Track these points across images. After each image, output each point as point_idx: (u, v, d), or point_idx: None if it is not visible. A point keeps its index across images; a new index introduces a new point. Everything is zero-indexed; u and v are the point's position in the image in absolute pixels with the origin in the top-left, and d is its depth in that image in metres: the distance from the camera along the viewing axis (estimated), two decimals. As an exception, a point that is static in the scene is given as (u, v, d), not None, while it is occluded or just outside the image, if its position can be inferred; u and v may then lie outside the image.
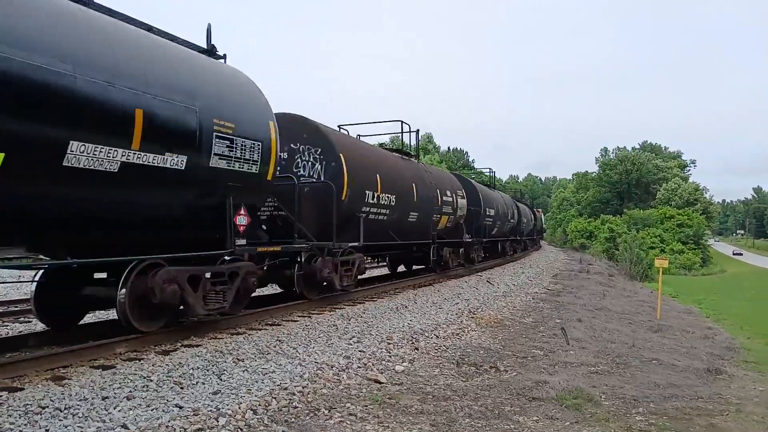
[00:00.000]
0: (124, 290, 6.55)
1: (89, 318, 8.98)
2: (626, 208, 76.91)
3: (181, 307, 7.32)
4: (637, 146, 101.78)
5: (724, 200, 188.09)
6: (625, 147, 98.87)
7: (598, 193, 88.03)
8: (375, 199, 12.23)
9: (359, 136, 14.94)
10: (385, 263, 18.46)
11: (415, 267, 18.55)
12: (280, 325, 8.56)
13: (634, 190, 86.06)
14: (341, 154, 11.06)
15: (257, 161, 7.98)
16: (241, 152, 7.66)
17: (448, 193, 17.10)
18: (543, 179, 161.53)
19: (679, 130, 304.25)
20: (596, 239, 64.40)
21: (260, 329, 8.18)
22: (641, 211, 71.91)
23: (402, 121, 15.56)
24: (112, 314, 8.04)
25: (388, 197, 12.77)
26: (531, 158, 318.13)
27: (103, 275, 7.48)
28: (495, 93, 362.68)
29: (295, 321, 8.90)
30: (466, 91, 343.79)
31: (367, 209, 12.01)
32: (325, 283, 10.52)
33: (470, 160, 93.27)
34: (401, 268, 18.67)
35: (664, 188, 79.54)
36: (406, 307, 11.14)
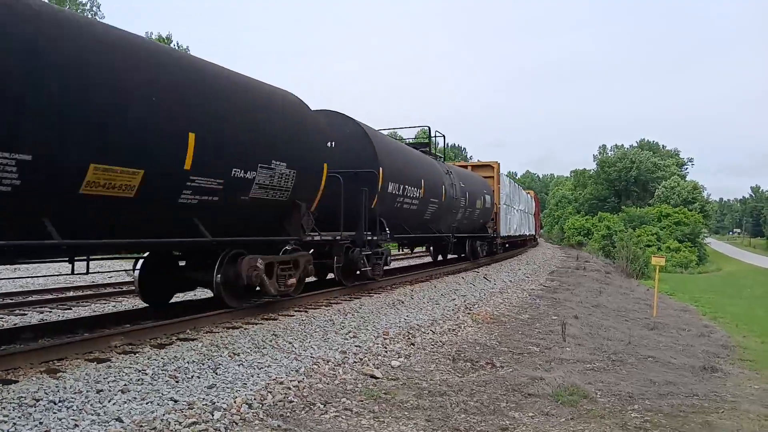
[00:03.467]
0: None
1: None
2: (624, 206, 77.02)
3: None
4: (635, 144, 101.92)
5: (721, 199, 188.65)
6: (623, 145, 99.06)
7: (596, 191, 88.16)
8: None
9: None
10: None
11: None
12: (276, 319, 8.54)
13: (633, 187, 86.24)
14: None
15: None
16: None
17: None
18: (541, 176, 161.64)
19: (676, 128, 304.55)
20: (593, 237, 64.44)
21: (256, 323, 8.16)
22: (638, 209, 72.02)
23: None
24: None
25: None
26: (529, 155, 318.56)
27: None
28: (492, 91, 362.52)
29: (292, 315, 8.88)
30: (464, 87, 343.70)
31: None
32: None
33: (468, 157, 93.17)
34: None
35: (663, 186, 79.70)
36: (402, 302, 11.13)
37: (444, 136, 18.13)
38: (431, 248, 19.23)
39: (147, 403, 4.78)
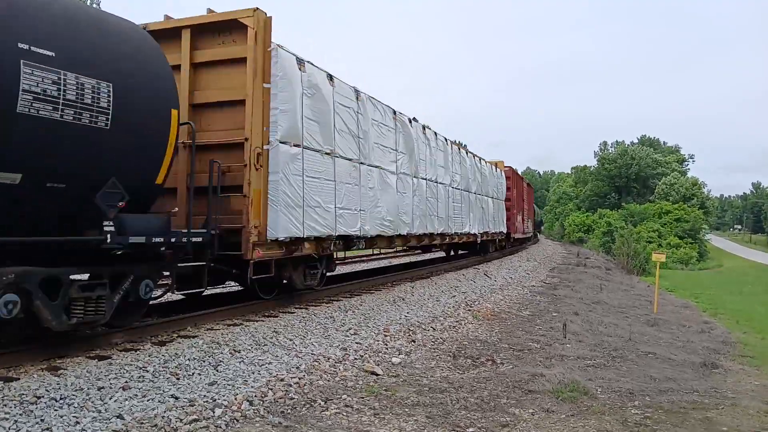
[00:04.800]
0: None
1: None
2: (624, 203, 77.00)
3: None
4: (636, 140, 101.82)
5: (722, 195, 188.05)
6: (623, 141, 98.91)
7: (596, 187, 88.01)
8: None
9: None
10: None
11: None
12: (277, 316, 8.55)
13: (633, 184, 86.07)
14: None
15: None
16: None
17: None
18: (541, 173, 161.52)
19: (677, 125, 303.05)
20: (594, 233, 64.41)
21: (257, 320, 8.17)
22: (638, 206, 71.99)
23: None
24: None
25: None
26: (529, 155, 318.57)
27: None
28: (492, 91, 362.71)
29: (292, 313, 8.89)
30: (464, 87, 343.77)
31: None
32: None
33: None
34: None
35: (663, 182, 79.60)
36: (403, 299, 11.14)
37: None
38: None
39: (148, 401, 4.79)
